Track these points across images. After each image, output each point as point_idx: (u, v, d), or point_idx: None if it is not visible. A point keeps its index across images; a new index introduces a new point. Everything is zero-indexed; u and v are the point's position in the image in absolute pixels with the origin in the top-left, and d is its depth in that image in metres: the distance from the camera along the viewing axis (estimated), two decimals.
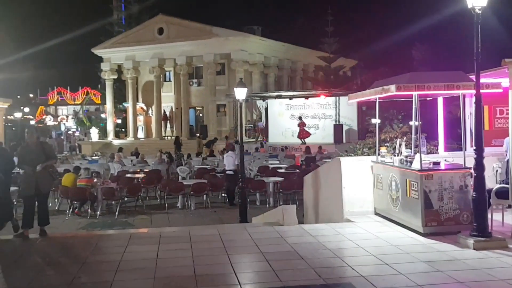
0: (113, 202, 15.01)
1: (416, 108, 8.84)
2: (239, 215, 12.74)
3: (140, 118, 43.84)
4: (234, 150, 16.13)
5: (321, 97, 30.38)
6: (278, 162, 22.55)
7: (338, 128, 30.18)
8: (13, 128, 54.79)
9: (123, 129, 47.00)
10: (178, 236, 7.89)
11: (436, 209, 7.56)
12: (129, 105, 42.76)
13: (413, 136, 9.24)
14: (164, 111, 42.47)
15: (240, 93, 12.66)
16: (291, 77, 44.82)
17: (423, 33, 40.12)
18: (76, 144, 42.10)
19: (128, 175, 17.97)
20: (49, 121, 59.93)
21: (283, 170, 18.53)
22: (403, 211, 8.15)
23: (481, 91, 7.12)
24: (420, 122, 8.94)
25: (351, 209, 9.35)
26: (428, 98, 9.77)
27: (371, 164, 9.36)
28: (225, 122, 39.06)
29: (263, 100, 34.02)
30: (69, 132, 56.38)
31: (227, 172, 15.99)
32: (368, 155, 10.16)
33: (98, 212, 14.54)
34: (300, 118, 30.91)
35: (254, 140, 35.04)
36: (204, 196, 15.55)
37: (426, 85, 7.37)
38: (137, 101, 43.60)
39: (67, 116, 61.43)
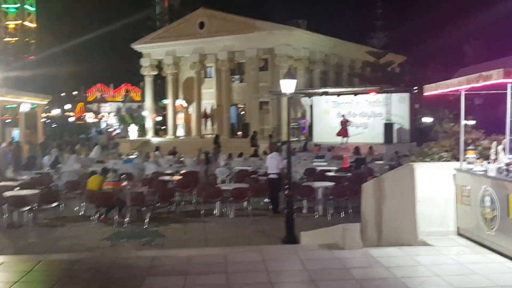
0: (143, 209, 13.52)
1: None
2: (285, 228, 10.98)
3: (180, 116, 42.66)
4: (278, 151, 14.39)
5: (371, 94, 28.24)
6: (325, 163, 20.68)
7: (388, 127, 28.02)
8: (53, 125, 54.95)
9: (163, 127, 46.04)
10: (211, 263, 6.22)
11: None
12: (168, 102, 41.65)
13: (507, 137, 7.27)
14: (205, 109, 41.16)
15: (288, 86, 10.90)
16: (338, 73, 42.65)
17: (476, 28, 37.49)
18: (111, 142, 41.25)
19: (162, 178, 16.50)
20: (89, 118, 59.87)
21: (332, 174, 16.66)
22: (502, 236, 6.24)
23: None
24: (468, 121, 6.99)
25: (427, 228, 7.48)
26: None
27: (454, 172, 7.46)
28: (267, 120, 37.33)
29: (309, 97, 32.15)
30: (109, 130, 56.04)
31: (270, 176, 14.28)
32: (447, 160, 8.24)
33: (127, 220, 13.09)
34: (343, 115, 28.88)
35: (297, 139, 33.21)
36: (245, 203, 13.89)
37: None
38: (177, 98, 42.45)
39: (108, 113, 61.25)
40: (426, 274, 5.79)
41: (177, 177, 16.84)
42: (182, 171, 18.74)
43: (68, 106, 58.41)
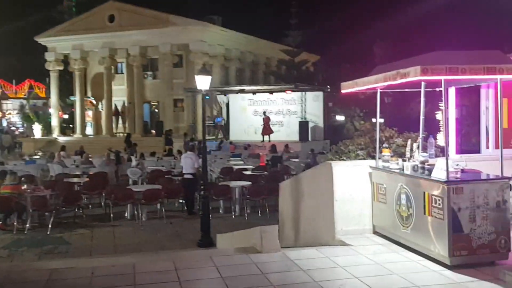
0: (46, 213, 12.48)
1: (445, 100, 6.89)
2: (201, 230, 10.54)
3: (89, 113, 40.72)
4: (193, 150, 13.91)
5: (286, 92, 28.43)
6: (242, 162, 20.44)
7: (303, 125, 28.36)
8: None
9: (71, 125, 43.68)
10: (118, 275, 5.65)
11: (467, 233, 5.65)
12: (76, 99, 39.58)
13: (421, 135, 7.33)
14: (116, 106, 39.49)
15: (203, 82, 10.45)
16: (253, 71, 42.68)
17: (384, 29, 39.15)
18: (14, 141, 38.47)
19: (68, 180, 15.43)
20: None
21: (249, 172, 16.42)
22: (418, 234, 6.21)
23: None
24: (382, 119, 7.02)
25: (345, 226, 7.36)
26: (437, 89, 7.86)
27: (370, 170, 7.39)
28: (182, 118, 36.53)
29: (224, 95, 31.83)
30: (12, 128, 52.33)
31: (185, 176, 13.76)
32: (363, 158, 8.18)
33: (28, 226, 12.02)
34: (264, 113, 28.88)
35: (214, 137, 32.79)
36: (158, 204, 13.26)
37: (461, 67, 5.41)
38: (86, 94, 40.45)
39: (7, 111, 57.17)
40: (345, 276, 5.61)
41: (84, 179, 15.85)
42: (91, 172, 17.69)
43: None
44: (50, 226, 11.94)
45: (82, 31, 37.41)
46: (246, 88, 29.09)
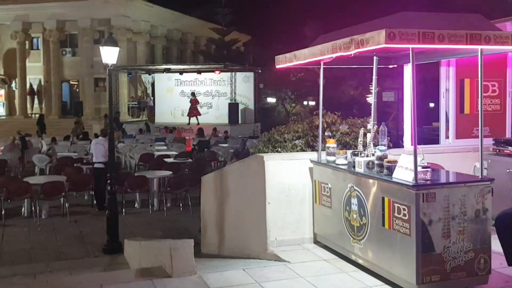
0: None
1: (413, 77, 5.52)
2: (107, 233, 8.76)
3: (1, 92, 37.03)
4: (106, 136, 11.94)
5: (215, 72, 26.67)
6: (165, 147, 18.60)
7: (233, 107, 26.76)
8: None
9: None
10: None
11: (440, 253, 4.33)
12: None
13: (372, 121, 5.92)
14: (31, 85, 36.08)
15: (109, 55, 8.57)
16: (181, 50, 40.46)
17: (315, 8, 38.24)
18: None
19: None
20: None
21: (171, 160, 14.66)
22: (375, 251, 4.84)
23: None
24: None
25: (280, 236, 5.91)
26: (390, 66, 6.52)
27: (310, 165, 5.95)
28: (104, 99, 33.78)
29: (149, 74, 29.59)
30: None
31: (96, 165, 11.79)
32: (303, 149, 6.72)
33: None
34: (193, 94, 26.99)
35: (138, 119, 30.59)
36: (62, 199, 11.27)
37: (438, 33, 4.01)
38: None
39: None
40: None
41: None
42: None
43: None
44: None
45: None
46: (173, 67, 27.02)
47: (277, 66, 6.13)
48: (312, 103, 35.79)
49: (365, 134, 5.49)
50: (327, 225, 5.70)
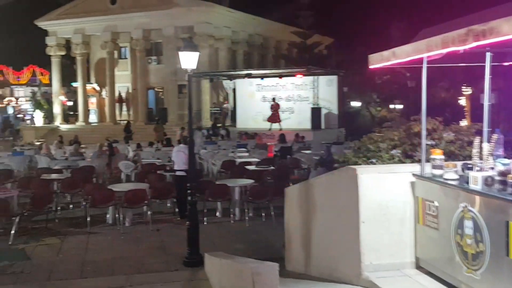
0: (13, 218, 10.45)
1: None
2: (188, 245, 8.44)
3: (92, 100, 38.79)
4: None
5: (297, 76, 26.12)
6: (247, 154, 18.30)
7: (315, 112, 26.08)
8: None
9: (76, 113, 41.80)
10: None
11: None
12: (78, 85, 37.59)
13: (485, 128, 5.05)
14: (119, 92, 37.51)
15: (188, 60, 8.28)
16: (262, 55, 40.31)
17: (401, 10, 36.59)
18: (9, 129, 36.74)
19: (47, 176, 13.42)
20: None
21: (253, 167, 14.26)
22: (496, 284, 4.02)
23: None
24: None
25: (376, 259, 5.20)
26: (505, 63, 5.62)
27: (412, 179, 5.20)
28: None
29: (231, 80, 29.61)
30: (19, 116, 50.64)
31: (178, 172, 11.63)
32: (401, 161, 5.96)
33: None
34: (273, 99, 26.59)
35: (220, 125, 30.68)
36: (145, 207, 11.18)
37: None
38: (89, 80, 38.50)
39: (16, 99, 55.38)
40: None
41: (66, 175, 13.84)
42: (81, 166, 15.69)
43: None
44: (12, 234, 9.90)
45: (83, 14, 35.33)
46: (254, 72, 26.84)
47: (371, 66, 5.45)
48: (399, 106, 34.24)
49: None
50: (433, 249, 4.93)
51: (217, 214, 11.85)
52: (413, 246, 5.24)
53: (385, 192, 5.21)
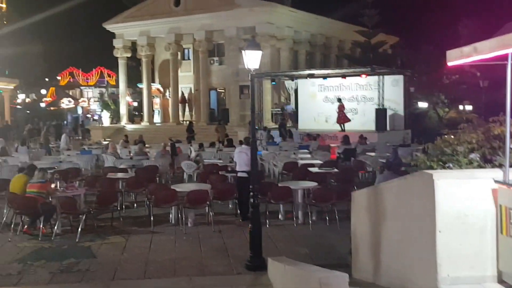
0: (80, 216, 10.71)
1: None
2: (250, 248, 8.28)
3: (157, 101, 39.71)
4: (249, 144, 11.62)
5: (361, 76, 25.48)
6: (309, 155, 18.00)
7: (380, 113, 25.28)
8: (27, 111, 51.54)
9: (141, 113, 42.99)
10: None
11: None
12: (143, 86, 38.59)
13: None
14: (182, 93, 38.15)
15: (252, 59, 8.13)
16: (325, 54, 39.75)
17: (469, 6, 34.92)
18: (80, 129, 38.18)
19: (112, 175, 13.71)
20: (68, 103, 56.26)
21: (316, 170, 13.96)
22: None
23: None
24: None
25: (453, 272, 4.80)
26: None
27: (494, 186, 4.77)
28: (249, 106, 34.32)
29: (292, 80, 29.35)
30: (88, 116, 52.76)
31: (239, 174, 11.56)
32: (480, 165, 5.53)
33: (56, 230, 10.33)
34: (339, 100, 26.05)
35: (289, 126, 30.46)
36: (207, 207, 11.17)
37: None
38: (153, 81, 39.44)
39: (88, 99, 57.70)
40: None
41: (130, 174, 14.10)
42: (145, 165, 15.98)
43: (43, 91, 54.92)
44: (78, 232, 10.15)
45: (148, 16, 36.21)
46: (316, 72, 26.42)
47: (449, 63, 5.05)
48: (468, 107, 32.75)
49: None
50: None
51: (280, 216, 11.65)
52: (495, 258, 4.81)
53: (464, 200, 4.80)
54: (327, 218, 11.11)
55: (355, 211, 7.12)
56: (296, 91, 29.90)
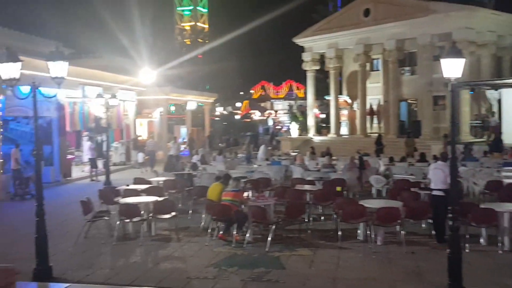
0: (270, 225, 10.95)
1: None
2: (448, 275, 7.46)
3: (344, 113, 39.57)
4: (446, 161, 10.67)
5: None
6: None
7: None
8: (224, 123, 55.90)
9: (328, 125, 43.36)
10: None
11: None
12: (331, 98, 38.79)
13: None
14: (371, 105, 37.35)
15: (452, 68, 7.34)
16: None
17: None
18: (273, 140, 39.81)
19: (300, 187, 13.81)
20: (259, 116, 59.72)
21: None
22: None
23: None
24: None
25: None
26: None
27: None
28: (443, 118, 32.13)
29: (495, 90, 26.61)
30: (277, 127, 55.21)
31: (434, 192, 10.64)
32: None
33: (248, 238, 10.70)
34: None
35: (484, 140, 27.80)
36: (398, 226, 10.51)
37: None
38: (340, 93, 39.43)
39: (276, 111, 60.55)
40: None
41: (318, 187, 14.04)
42: (332, 178, 15.84)
43: (238, 104, 59.19)
44: (268, 241, 10.35)
45: (336, 28, 36.41)
46: None
47: None
48: None
49: None
50: None
51: (481, 241, 10.42)
52: None
53: None
54: None
55: None
56: (499, 101, 27.05)
